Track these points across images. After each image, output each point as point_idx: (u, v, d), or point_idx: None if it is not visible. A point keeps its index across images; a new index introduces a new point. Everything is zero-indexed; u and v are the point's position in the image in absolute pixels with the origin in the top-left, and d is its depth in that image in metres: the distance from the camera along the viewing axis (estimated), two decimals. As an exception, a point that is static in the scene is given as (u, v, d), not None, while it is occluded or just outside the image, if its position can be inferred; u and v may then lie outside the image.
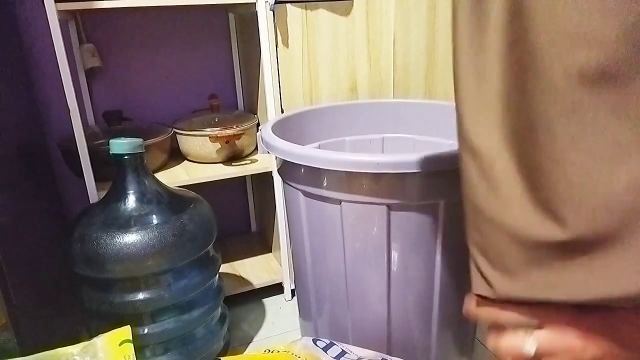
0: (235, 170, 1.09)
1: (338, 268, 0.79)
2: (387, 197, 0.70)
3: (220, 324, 0.98)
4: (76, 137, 0.92)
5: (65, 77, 0.89)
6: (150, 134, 1.06)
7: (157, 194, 0.87)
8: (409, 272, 0.76)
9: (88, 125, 1.17)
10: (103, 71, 1.18)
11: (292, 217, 0.85)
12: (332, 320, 0.85)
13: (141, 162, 0.86)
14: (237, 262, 1.30)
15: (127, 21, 1.17)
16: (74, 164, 0.98)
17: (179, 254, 0.84)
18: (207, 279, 0.91)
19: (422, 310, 0.80)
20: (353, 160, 0.67)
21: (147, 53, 1.21)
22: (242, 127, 1.11)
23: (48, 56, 1.12)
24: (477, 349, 1.02)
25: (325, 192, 0.73)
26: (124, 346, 0.76)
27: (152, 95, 1.25)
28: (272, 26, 1.00)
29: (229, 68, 1.30)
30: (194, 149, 1.12)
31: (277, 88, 1.05)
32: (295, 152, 0.72)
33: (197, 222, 0.87)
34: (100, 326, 0.81)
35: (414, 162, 0.67)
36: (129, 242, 0.79)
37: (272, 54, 1.02)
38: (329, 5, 1.03)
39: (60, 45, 0.87)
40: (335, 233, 0.76)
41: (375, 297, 0.79)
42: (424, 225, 0.73)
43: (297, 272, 0.90)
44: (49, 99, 1.15)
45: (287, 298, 1.22)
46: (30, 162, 0.96)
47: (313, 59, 1.06)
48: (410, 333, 0.82)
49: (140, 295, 0.83)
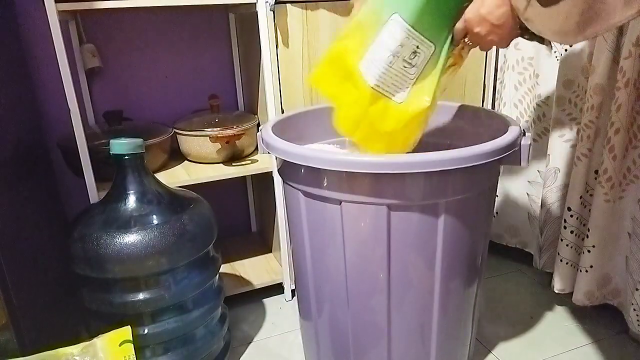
0: (235, 170, 1.09)
1: (338, 268, 0.79)
2: (387, 197, 0.70)
3: (220, 324, 0.97)
4: (76, 137, 0.92)
5: (65, 77, 0.89)
6: (150, 134, 1.06)
7: (158, 194, 0.87)
8: (409, 272, 0.76)
9: (88, 125, 1.17)
10: (103, 71, 1.18)
11: (292, 217, 0.85)
12: (332, 321, 0.85)
13: (141, 162, 0.86)
14: (237, 262, 1.30)
15: (127, 21, 1.17)
16: (74, 164, 0.98)
17: (179, 254, 0.84)
18: (207, 279, 0.91)
19: (422, 310, 0.80)
20: (353, 160, 0.67)
21: (147, 53, 1.21)
22: (242, 127, 1.11)
23: (48, 56, 1.12)
24: (477, 348, 1.02)
25: (325, 192, 0.73)
26: (124, 346, 0.76)
27: (152, 95, 1.25)
28: (272, 26, 1.00)
29: (229, 68, 1.30)
30: (194, 149, 1.12)
31: (277, 88, 1.05)
32: (295, 152, 0.72)
33: (198, 222, 0.87)
34: (100, 326, 0.81)
35: (414, 162, 0.67)
36: (129, 242, 0.79)
37: (272, 54, 1.02)
38: (329, 5, 1.03)
39: (60, 45, 0.87)
40: (335, 233, 0.76)
41: (375, 297, 0.79)
42: (424, 225, 0.73)
43: (297, 272, 0.90)
44: (49, 99, 1.15)
45: (287, 298, 1.22)
46: (31, 162, 0.96)
47: (313, 59, 1.06)
48: (411, 332, 0.82)
49: (140, 295, 0.83)
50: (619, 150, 0.92)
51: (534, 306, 1.16)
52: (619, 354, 0.99)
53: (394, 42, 0.73)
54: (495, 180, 0.80)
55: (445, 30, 0.73)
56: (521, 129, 0.77)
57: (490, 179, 0.78)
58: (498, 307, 1.16)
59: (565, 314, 1.12)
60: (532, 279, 1.27)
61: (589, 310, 1.11)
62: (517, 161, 0.74)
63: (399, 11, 0.72)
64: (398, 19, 0.72)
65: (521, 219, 1.27)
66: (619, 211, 0.98)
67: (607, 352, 0.99)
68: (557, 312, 1.13)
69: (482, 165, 0.69)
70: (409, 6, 0.72)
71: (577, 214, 1.04)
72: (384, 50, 0.74)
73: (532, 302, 1.17)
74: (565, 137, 1.08)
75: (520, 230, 1.29)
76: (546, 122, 1.15)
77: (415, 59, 0.74)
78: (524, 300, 1.18)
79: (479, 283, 0.86)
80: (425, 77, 0.74)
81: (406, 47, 0.73)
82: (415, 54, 0.73)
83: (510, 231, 1.31)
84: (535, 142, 1.18)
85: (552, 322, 1.10)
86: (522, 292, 1.21)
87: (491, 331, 1.07)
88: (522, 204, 1.26)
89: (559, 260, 1.09)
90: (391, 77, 0.74)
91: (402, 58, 0.74)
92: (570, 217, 1.05)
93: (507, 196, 1.28)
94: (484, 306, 1.16)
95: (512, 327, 1.09)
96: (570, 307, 1.13)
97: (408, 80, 0.74)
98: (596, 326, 1.07)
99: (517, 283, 1.25)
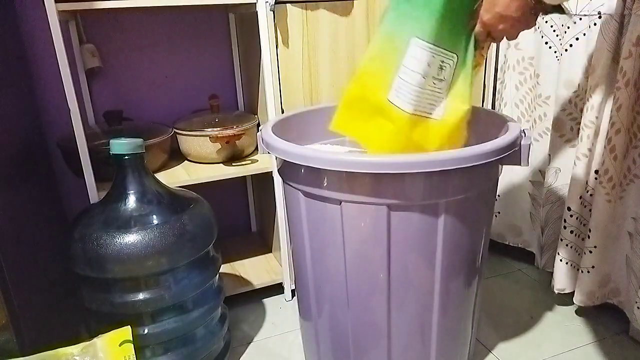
0: (235, 170, 1.09)
1: (338, 268, 0.79)
2: (387, 197, 0.70)
3: (220, 324, 0.97)
4: (76, 137, 0.92)
5: (65, 77, 0.89)
6: (150, 134, 1.06)
7: (158, 194, 0.87)
8: (409, 272, 0.76)
9: (88, 125, 1.17)
10: (103, 71, 1.18)
11: (292, 217, 0.85)
12: (332, 321, 0.85)
13: (141, 162, 0.86)
14: (237, 262, 1.30)
15: (127, 21, 1.17)
16: (74, 164, 0.98)
17: (179, 254, 0.84)
18: (207, 279, 0.91)
19: (422, 310, 0.80)
20: (353, 161, 0.67)
21: (147, 53, 1.21)
22: (242, 127, 1.11)
23: (48, 56, 1.12)
24: (477, 348, 1.02)
25: (325, 192, 0.73)
26: (124, 346, 0.76)
27: (152, 95, 1.25)
28: (272, 26, 1.00)
29: (229, 68, 1.30)
30: (194, 149, 1.12)
31: (277, 88, 1.05)
32: (295, 152, 0.72)
33: (198, 223, 0.87)
34: (100, 326, 0.81)
35: (414, 162, 0.67)
36: (129, 242, 0.79)
37: (272, 54, 1.02)
38: (329, 5, 1.03)
39: (60, 45, 0.87)
40: (335, 233, 0.76)
41: (375, 297, 0.79)
42: (424, 225, 0.73)
43: (297, 272, 0.90)
44: (49, 99, 1.15)
45: (287, 298, 1.22)
46: (31, 162, 0.96)
47: (313, 59, 1.06)
48: (411, 332, 0.82)
49: (140, 295, 0.83)
50: (619, 150, 0.92)
51: (534, 306, 1.16)
52: (619, 354, 0.99)
53: (420, 64, 0.74)
54: (495, 180, 0.80)
55: (462, 37, 0.74)
56: (521, 129, 0.77)
57: (491, 179, 0.78)
58: (498, 307, 1.16)
59: (565, 314, 1.12)
60: (532, 278, 1.27)
61: (589, 310, 1.11)
62: (517, 161, 0.74)
63: (415, 34, 0.73)
64: (418, 41, 0.73)
65: (523, 218, 1.27)
66: (620, 211, 0.98)
67: (607, 352, 0.99)
68: (557, 312, 1.13)
69: (482, 165, 0.69)
70: (424, 26, 0.72)
71: (576, 214, 1.04)
72: (412, 75, 0.75)
73: (532, 302, 1.17)
74: (565, 137, 1.08)
75: (522, 230, 1.29)
76: (547, 122, 1.14)
77: (443, 73, 0.74)
78: (524, 300, 1.18)
79: (479, 283, 0.86)
80: (455, 86, 0.76)
81: (432, 65, 0.74)
82: (442, 69, 0.74)
83: (513, 231, 1.31)
84: (536, 141, 1.18)
85: (552, 322, 1.10)
86: (522, 292, 1.21)
87: (491, 331, 1.07)
88: (524, 203, 1.26)
89: (559, 260, 1.09)
90: (426, 97, 0.76)
91: (431, 76, 0.75)
92: (570, 217, 1.05)
93: (510, 196, 1.28)
94: (484, 306, 1.16)
95: (512, 327, 1.09)
96: (571, 307, 1.13)
97: (441, 95, 0.76)
98: (596, 326, 1.07)
99: (517, 283, 1.25)
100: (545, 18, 1.07)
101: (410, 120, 0.76)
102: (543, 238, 1.19)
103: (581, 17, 0.99)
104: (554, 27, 1.07)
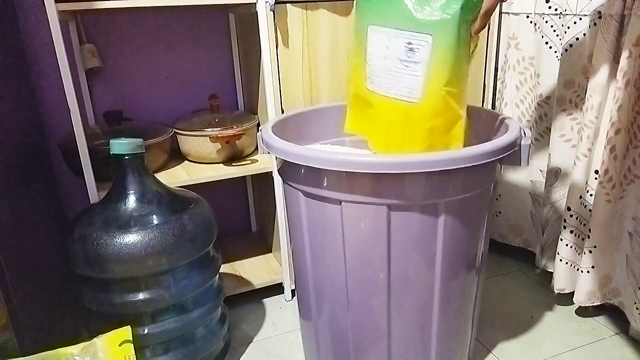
0: (235, 170, 1.09)
1: (338, 268, 0.79)
2: (387, 197, 0.70)
3: (220, 324, 0.97)
4: (76, 137, 0.92)
5: (65, 77, 0.89)
6: (150, 134, 1.06)
7: (158, 194, 0.87)
8: (409, 272, 0.76)
9: (88, 125, 1.17)
10: (103, 71, 1.18)
11: (292, 217, 0.85)
12: (332, 321, 0.85)
13: (141, 162, 0.86)
14: (237, 262, 1.30)
15: (127, 21, 1.17)
16: (74, 164, 0.98)
17: (179, 254, 0.84)
18: (207, 279, 0.91)
19: (422, 310, 0.80)
20: (353, 161, 0.67)
21: (147, 53, 1.21)
22: (242, 127, 1.11)
23: (48, 56, 1.12)
24: (477, 348, 1.02)
25: (325, 192, 0.73)
26: (124, 346, 0.76)
27: (152, 95, 1.25)
28: (272, 26, 1.00)
29: (229, 68, 1.30)
30: (194, 149, 1.12)
31: (277, 88, 1.05)
32: (295, 152, 0.72)
33: (198, 223, 0.87)
34: (100, 326, 0.81)
35: (414, 162, 0.67)
36: (129, 242, 0.79)
37: (272, 54, 1.02)
38: (329, 5, 1.03)
39: (60, 45, 0.87)
40: (335, 233, 0.76)
41: (375, 297, 0.79)
42: (424, 225, 0.73)
43: (297, 272, 0.90)
44: (49, 99, 1.15)
45: (287, 298, 1.22)
46: (31, 162, 0.96)
47: (313, 59, 1.06)
48: (411, 332, 0.82)
49: (140, 295, 0.83)
50: (619, 150, 0.92)
51: (534, 306, 1.16)
52: (619, 354, 0.99)
53: (378, 46, 0.76)
54: (495, 180, 0.80)
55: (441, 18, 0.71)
56: (521, 129, 0.77)
57: (491, 179, 0.78)
58: (498, 307, 1.16)
59: (565, 314, 1.12)
60: (532, 278, 1.27)
61: (589, 310, 1.10)
62: (517, 161, 0.74)
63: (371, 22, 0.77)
64: (373, 27, 0.76)
65: (524, 218, 1.27)
66: (620, 211, 0.98)
67: (607, 352, 0.99)
68: (557, 312, 1.13)
69: (482, 166, 0.69)
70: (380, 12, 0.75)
71: (576, 214, 1.04)
72: (375, 59, 0.77)
73: (532, 302, 1.17)
74: (565, 137, 1.08)
75: (523, 230, 1.29)
76: (548, 121, 1.14)
77: (415, 55, 0.73)
78: (524, 300, 1.18)
79: (479, 283, 0.86)
80: (433, 67, 0.73)
81: (393, 47, 0.74)
82: (412, 51, 0.73)
83: (514, 230, 1.31)
84: (537, 141, 1.18)
85: (552, 322, 1.10)
86: (522, 292, 1.21)
87: (491, 331, 1.07)
88: (525, 203, 1.26)
89: (559, 259, 1.09)
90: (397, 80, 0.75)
91: (396, 58, 0.74)
92: (570, 217, 1.05)
93: (511, 195, 1.28)
94: (484, 306, 1.15)
95: (512, 327, 1.09)
96: (571, 307, 1.13)
97: (417, 77, 0.75)
98: (596, 326, 1.07)
99: (517, 283, 1.25)
100: (546, 18, 1.07)
101: (389, 104, 0.77)
102: (543, 238, 1.19)
103: (581, 17, 0.99)
104: (554, 27, 1.07)
